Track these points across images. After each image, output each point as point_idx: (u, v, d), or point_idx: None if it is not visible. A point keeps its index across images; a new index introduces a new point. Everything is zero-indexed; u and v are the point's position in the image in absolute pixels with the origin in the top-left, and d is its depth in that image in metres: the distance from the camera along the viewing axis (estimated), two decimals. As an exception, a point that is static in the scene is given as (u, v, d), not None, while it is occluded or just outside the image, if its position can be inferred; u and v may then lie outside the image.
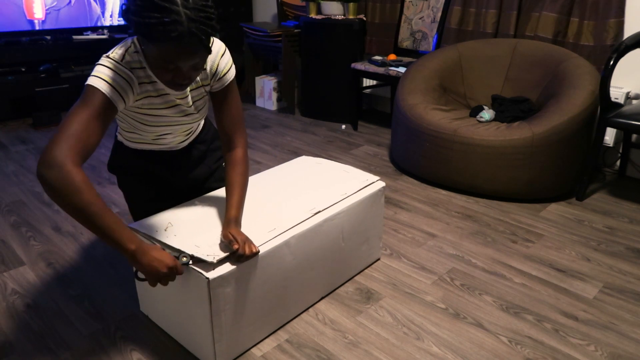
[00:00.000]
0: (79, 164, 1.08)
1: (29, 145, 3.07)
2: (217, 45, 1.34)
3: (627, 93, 2.55)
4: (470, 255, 1.91)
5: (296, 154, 2.96)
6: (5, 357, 1.39)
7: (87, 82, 1.17)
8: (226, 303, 1.24)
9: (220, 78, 1.37)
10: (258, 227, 1.38)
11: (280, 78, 3.89)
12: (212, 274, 1.19)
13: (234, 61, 4.51)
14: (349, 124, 3.58)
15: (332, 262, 1.59)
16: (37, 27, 3.55)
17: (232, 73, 1.38)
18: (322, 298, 1.63)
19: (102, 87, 1.16)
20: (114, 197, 2.38)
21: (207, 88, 1.39)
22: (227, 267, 1.23)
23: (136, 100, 1.27)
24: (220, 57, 1.35)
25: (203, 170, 1.66)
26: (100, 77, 1.17)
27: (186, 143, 1.58)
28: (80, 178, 1.05)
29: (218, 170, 1.71)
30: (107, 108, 1.16)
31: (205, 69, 1.34)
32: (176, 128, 1.42)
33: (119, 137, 1.54)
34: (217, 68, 1.35)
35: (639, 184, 2.57)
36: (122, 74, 1.19)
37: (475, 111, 2.60)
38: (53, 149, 1.06)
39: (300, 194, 1.59)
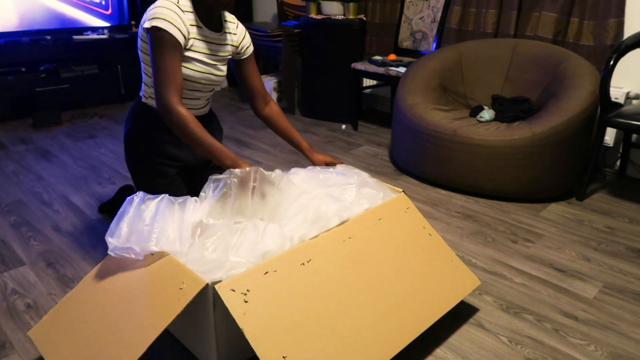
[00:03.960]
0: (180, 101, 1.45)
1: (29, 145, 3.07)
2: (242, 26, 1.73)
3: (627, 93, 2.54)
4: (471, 255, 1.91)
5: (296, 154, 2.96)
6: (5, 357, 1.39)
7: (152, 24, 1.43)
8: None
9: (247, 48, 1.73)
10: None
11: (280, 78, 3.89)
12: (213, 279, 1.19)
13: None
14: (349, 124, 3.58)
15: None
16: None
17: (252, 47, 1.76)
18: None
19: (168, 28, 1.43)
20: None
21: (234, 51, 1.70)
22: (230, 273, 1.22)
23: (189, 39, 1.52)
24: (245, 32, 1.72)
25: None
26: (164, 18, 1.44)
27: (204, 110, 1.77)
28: (188, 121, 1.43)
29: None
30: (177, 46, 1.46)
31: (235, 34, 1.69)
32: (205, 86, 1.66)
33: (149, 102, 1.66)
34: (243, 38, 1.71)
35: (639, 184, 2.57)
36: (179, 14, 1.47)
37: (476, 111, 2.60)
38: (163, 98, 1.44)
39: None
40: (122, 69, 3.92)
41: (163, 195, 1.38)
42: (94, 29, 3.90)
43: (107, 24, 3.95)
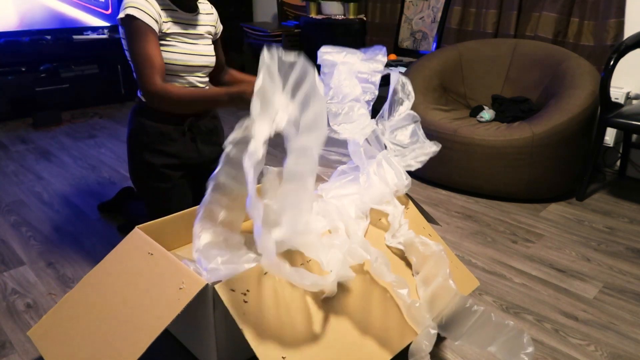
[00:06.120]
0: (163, 82, 1.49)
1: (29, 145, 3.07)
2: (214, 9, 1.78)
3: (627, 93, 2.54)
4: (471, 255, 1.91)
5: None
6: (5, 357, 1.39)
7: (125, 14, 1.47)
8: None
9: (219, 28, 1.79)
10: None
11: (281, 78, 3.89)
12: (214, 279, 1.19)
13: (234, 61, 4.52)
14: (349, 124, 3.58)
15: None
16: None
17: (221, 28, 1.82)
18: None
19: (138, 14, 1.47)
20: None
21: (212, 32, 1.74)
22: (231, 273, 1.22)
23: (163, 23, 1.55)
24: (217, 17, 1.78)
25: (215, 150, 1.80)
26: (134, 6, 1.48)
27: None
28: (174, 90, 1.49)
29: None
30: (150, 31, 1.49)
31: (212, 14, 1.74)
32: (201, 69, 1.67)
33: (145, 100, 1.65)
34: (217, 18, 1.77)
35: (639, 184, 2.57)
36: (147, 0, 1.50)
37: (476, 111, 2.60)
38: (146, 84, 1.48)
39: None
40: (122, 68, 3.92)
41: None
42: (94, 29, 3.89)
43: (107, 24, 3.94)
